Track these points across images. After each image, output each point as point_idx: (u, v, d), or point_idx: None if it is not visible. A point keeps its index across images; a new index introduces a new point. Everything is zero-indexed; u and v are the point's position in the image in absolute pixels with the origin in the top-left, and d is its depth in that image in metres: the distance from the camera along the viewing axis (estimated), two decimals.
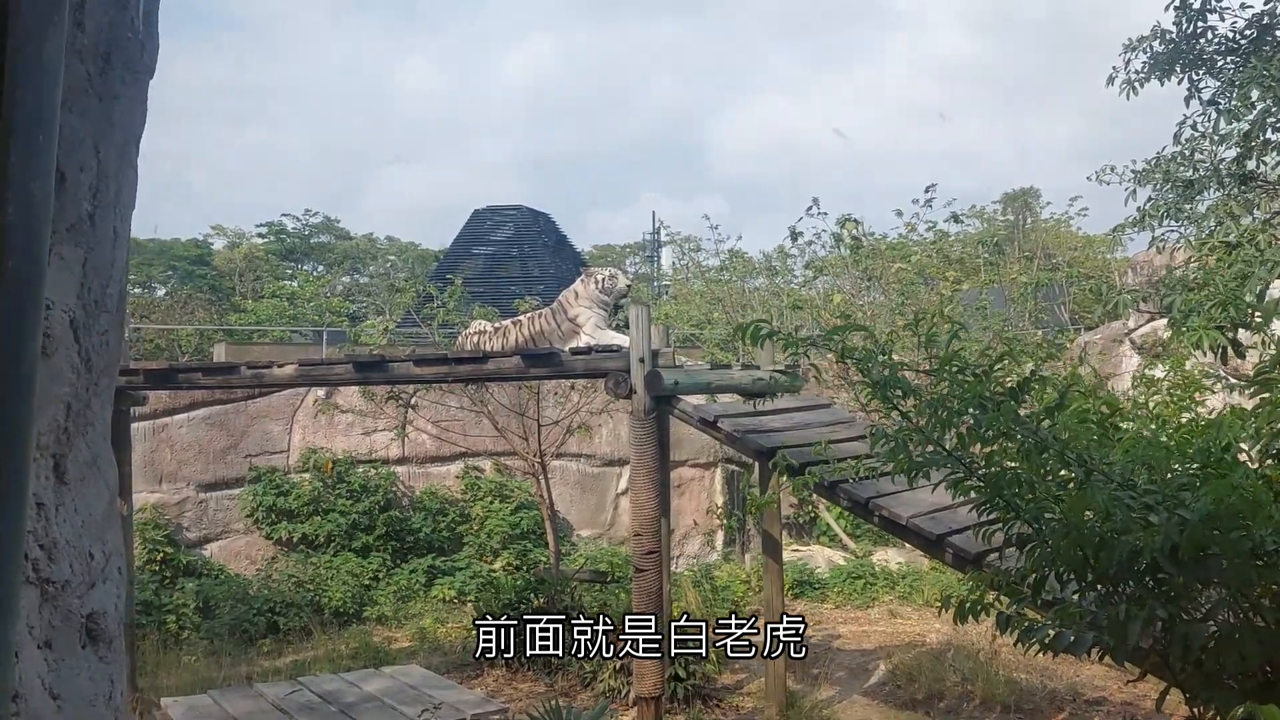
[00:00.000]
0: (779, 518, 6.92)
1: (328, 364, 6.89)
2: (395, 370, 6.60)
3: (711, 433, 6.07)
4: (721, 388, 6.66)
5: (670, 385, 5.89)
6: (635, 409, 5.92)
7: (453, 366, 6.42)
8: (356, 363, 6.70)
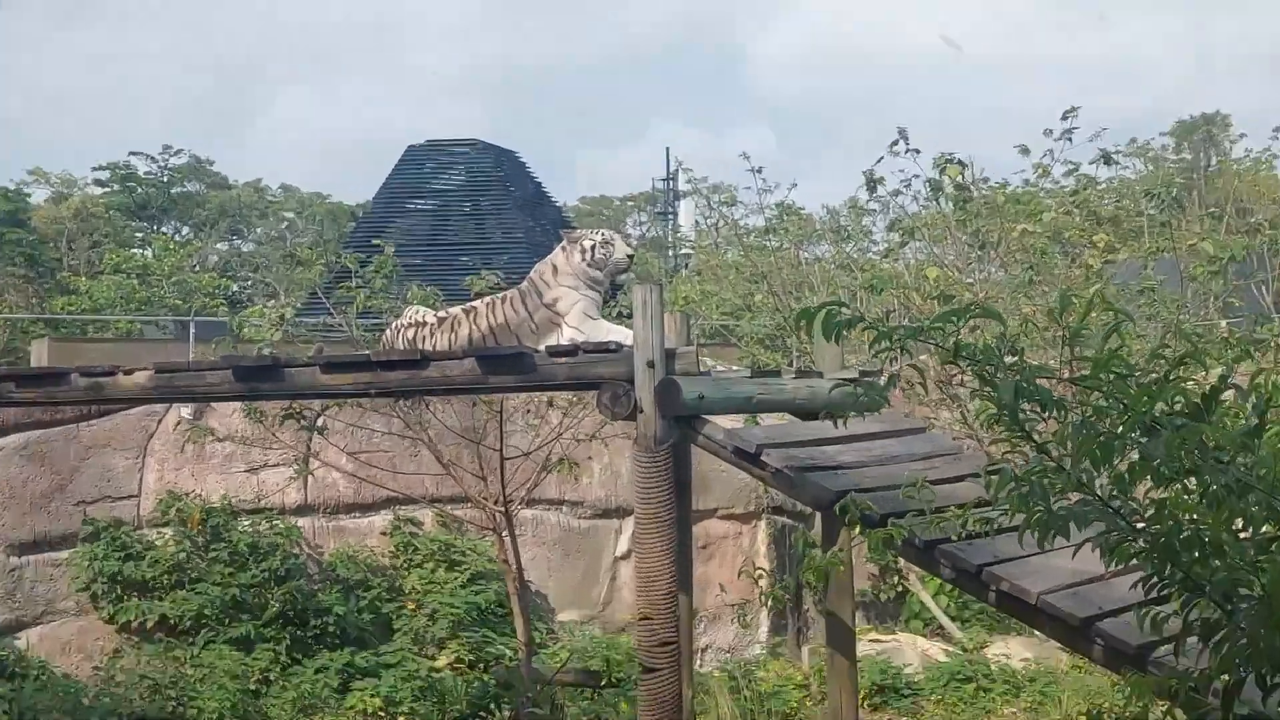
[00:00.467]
0: (851, 592, 6.90)
1: (196, 369, 6.89)
2: (295, 378, 6.60)
3: (753, 469, 6.05)
4: (767, 404, 6.62)
5: (693, 400, 5.88)
6: (642, 435, 5.91)
7: (378, 373, 6.41)
8: (238, 368, 6.70)
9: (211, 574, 10.74)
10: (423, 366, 6.33)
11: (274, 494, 11.45)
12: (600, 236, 6.89)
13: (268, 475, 11.47)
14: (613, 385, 5.96)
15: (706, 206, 16.55)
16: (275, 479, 11.44)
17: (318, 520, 11.68)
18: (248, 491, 11.41)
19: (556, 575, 12.11)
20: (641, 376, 5.91)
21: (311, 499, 11.65)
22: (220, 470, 11.43)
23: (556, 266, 6.87)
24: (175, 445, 11.23)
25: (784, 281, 13.46)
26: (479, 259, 26.05)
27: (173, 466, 11.31)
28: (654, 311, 5.94)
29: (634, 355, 5.98)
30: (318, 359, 6.69)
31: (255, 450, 11.16)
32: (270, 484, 11.47)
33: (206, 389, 6.83)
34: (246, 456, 11.40)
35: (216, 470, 11.42)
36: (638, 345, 5.97)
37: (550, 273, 6.87)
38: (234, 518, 11.14)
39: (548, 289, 6.82)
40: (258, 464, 11.42)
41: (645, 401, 5.89)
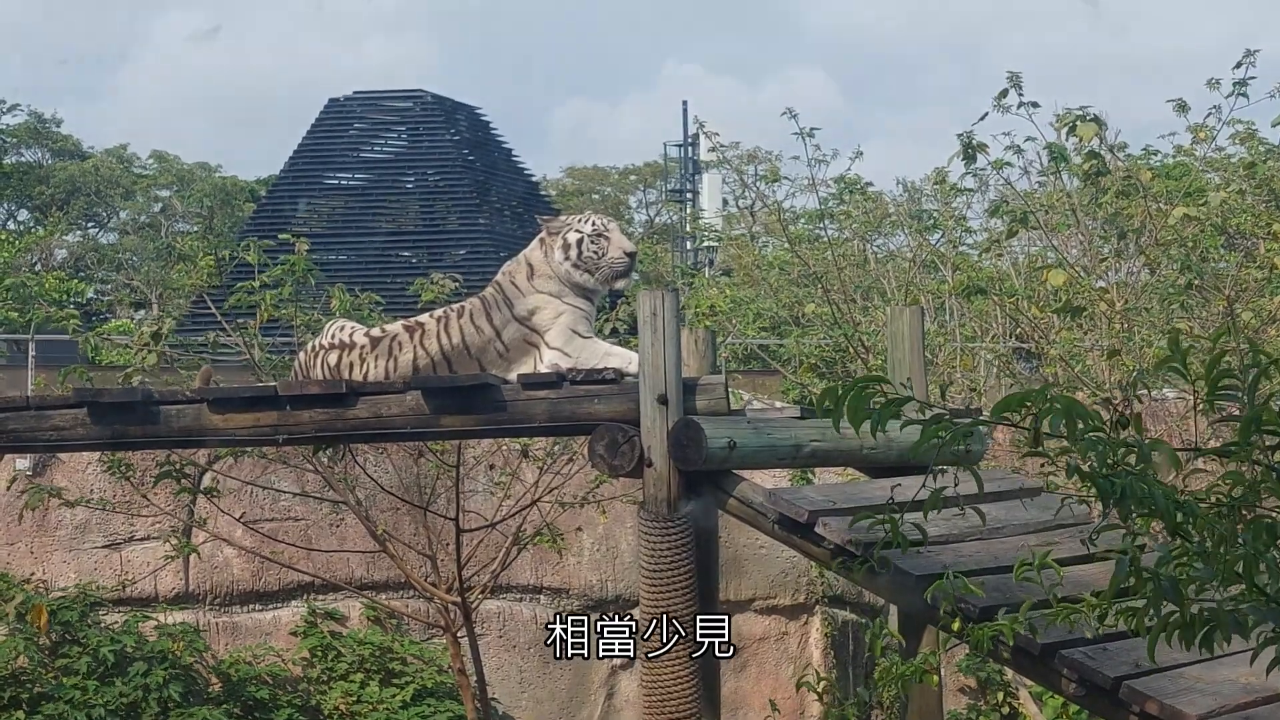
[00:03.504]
0: (939, 715, 6.89)
1: (37, 407, 6.91)
2: (174, 420, 6.63)
3: (804, 545, 6.06)
4: (824, 455, 6.63)
5: (721, 450, 5.89)
6: (651, 499, 5.93)
7: (287, 412, 6.43)
8: (96, 405, 6.73)
9: (63, 690, 10.73)
10: (349, 403, 6.35)
11: (143, 580, 11.45)
12: (590, 225, 6.91)
13: (135, 552, 11.48)
14: (610, 429, 5.98)
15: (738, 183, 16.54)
16: (145, 558, 11.45)
17: (203, 613, 11.67)
18: (108, 575, 11.41)
19: (532, 691, 12.09)
20: (650, 417, 5.93)
21: (195, 585, 11.64)
22: (70, 546, 11.43)
23: (533, 266, 6.89)
24: (8, 512, 11.24)
25: (845, 285, 13.46)
26: (426, 255, 26.23)
27: (4, 541, 11.32)
28: (667, 327, 5.96)
29: (639, 388, 5.99)
30: (205, 393, 6.72)
31: (118, 519, 11.17)
32: (139, 564, 11.47)
33: (51, 434, 6.85)
34: (107, 527, 11.41)
35: (65, 546, 11.43)
36: (644, 374, 5.99)
37: (524, 275, 6.90)
38: (90, 610, 11.14)
39: (521, 297, 6.84)
40: (122, 537, 11.43)
41: (655, 451, 5.90)
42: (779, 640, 12.55)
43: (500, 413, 6.25)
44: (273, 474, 11.15)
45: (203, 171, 44.09)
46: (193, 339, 12.97)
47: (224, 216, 38.92)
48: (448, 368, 6.78)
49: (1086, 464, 3.29)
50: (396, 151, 28.96)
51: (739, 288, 18.72)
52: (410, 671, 11.56)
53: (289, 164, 29.05)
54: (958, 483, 4.43)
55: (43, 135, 42.50)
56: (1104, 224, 11.86)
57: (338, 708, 11.34)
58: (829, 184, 14.61)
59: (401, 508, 10.41)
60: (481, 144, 29.60)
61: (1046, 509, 6.99)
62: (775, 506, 6.00)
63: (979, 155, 11.58)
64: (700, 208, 38.57)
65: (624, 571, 11.93)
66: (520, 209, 27.86)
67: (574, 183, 49.57)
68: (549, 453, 10.04)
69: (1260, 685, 5.07)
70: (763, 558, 11.82)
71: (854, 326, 12.40)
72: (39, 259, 32.82)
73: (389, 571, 11.08)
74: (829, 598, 12.61)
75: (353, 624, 11.85)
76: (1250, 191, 12.29)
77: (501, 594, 11.64)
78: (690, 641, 5.91)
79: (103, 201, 42.32)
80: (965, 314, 12.21)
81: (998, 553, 6.04)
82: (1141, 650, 5.37)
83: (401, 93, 29.72)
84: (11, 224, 39.36)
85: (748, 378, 16.86)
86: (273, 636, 11.72)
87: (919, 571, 5.71)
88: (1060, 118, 11.10)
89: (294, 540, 11.01)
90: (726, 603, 10.69)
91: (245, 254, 10.78)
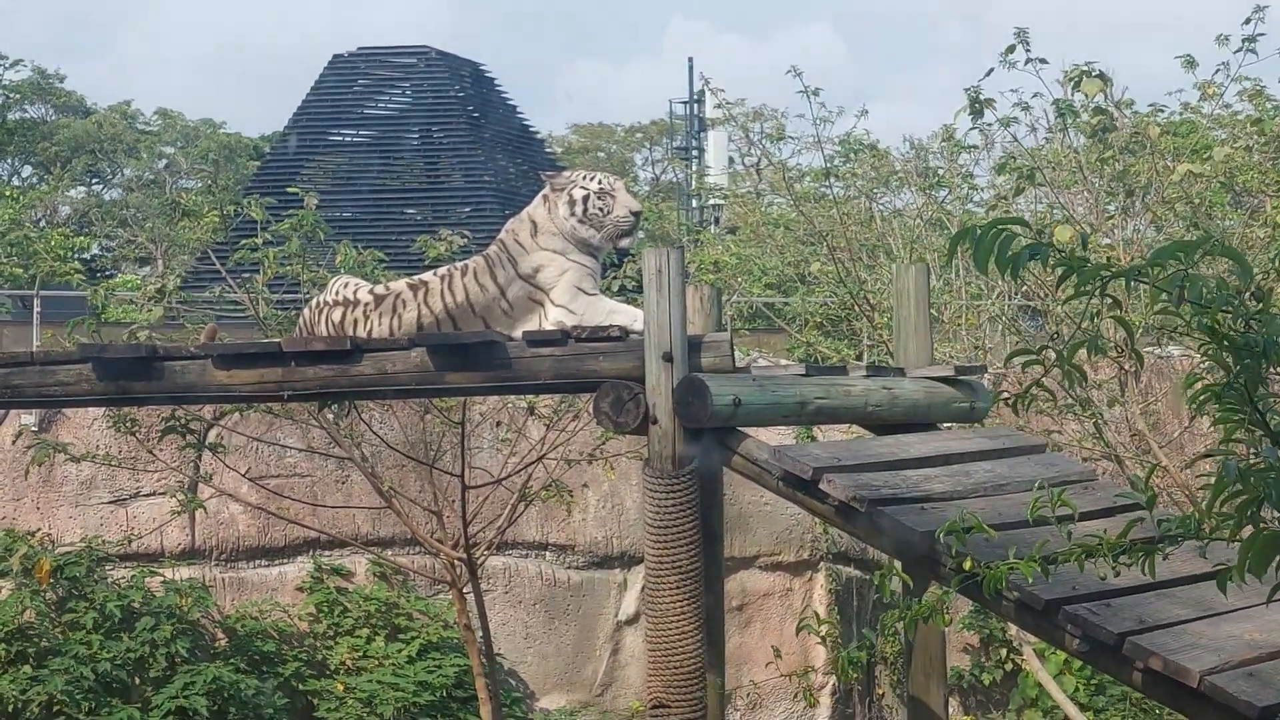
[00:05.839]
0: (943, 671, 6.92)
1: (43, 363, 6.91)
2: (179, 375, 6.62)
3: (808, 502, 6.06)
4: (829, 412, 6.64)
5: (726, 407, 5.89)
6: (656, 455, 5.93)
7: (293, 368, 6.42)
8: (101, 361, 6.72)
9: (69, 645, 10.77)
10: (354, 360, 6.34)
11: (149, 535, 11.49)
12: (596, 184, 6.88)
13: (141, 508, 11.52)
14: (616, 386, 5.97)
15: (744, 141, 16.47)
16: (151, 513, 11.48)
17: (209, 569, 11.72)
18: (114, 529, 11.45)
19: (538, 647, 12.14)
20: (655, 374, 5.92)
21: (201, 541, 11.68)
22: (76, 502, 11.47)
23: (537, 223, 6.87)
24: (14, 468, 11.26)
25: (851, 243, 13.43)
26: (432, 212, 26.18)
27: (10, 496, 11.35)
28: (672, 285, 5.95)
29: (644, 345, 5.99)
30: (210, 348, 6.71)
31: (124, 475, 11.19)
32: (145, 520, 11.51)
33: (57, 390, 6.85)
34: (112, 483, 11.44)
35: (71, 501, 11.46)
36: (649, 331, 5.98)
37: (528, 232, 6.88)
38: (97, 566, 11.18)
39: (525, 255, 6.82)
40: (127, 493, 11.46)
41: (660, 409, 5.90)
42: (783, 596, 12.60)
43: (505, 370, 6.24)
44: (278, 430, 11.17)
45: (207, 128, 43.99)
46: (197, 295, 12.99)
47: (228, 173, 38.80)
48: (452, 325, 6.77)
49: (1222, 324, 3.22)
50: (401, 108, 28.84)
51: (744, 245, 18.65)
52: (416, 627, 11.62)
53: (293, 120, 28.94)
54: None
55: (46, 91, 42.35)
56: (1110, 181, 11.83)
57: (344, 662, 11.40)
58: (834, 142, 14.58)
59: (407, 464, 10.43)
60: (486, 101, 29.48)
61: (1050, 466, 7.01)
62: (780, 463, 6.00)
63: (986, 111, 11.56)
64: (706, 165, 38.46)
65: (629, 528, 11.96)
66: (525, 166, 27.76)
67: (579, 140, 49.42)
68: (555, 410, 10.05)
69: (1264, 641, 5.07)
70: (767, 514, 11.85)
71: (859, 284, 12.38)
72: (43, 215, 32.76)
73: (395, 528, 11.12)
74: (833, 554, 12.65)
75: (359, 580, 11.89)
76: (1257, 149, 12.25)
77: (507, 550, 11.68)
78: (695, 598, 5.92)
79: (106, 158, 42.24)
80: (970, 272, 12.15)
81: (1002, 509, 6.04)
82: (1145, 606, 5.37)
83: (406, 49, 29.58)
84: (15, 180, 39.26)
85: (753, 336, 16.84)
86: (279, 592, 11.77)
87: (922, 528, 5.72)
88: (1067, 74, 11.07)
89: (300, 496, 11.04)
90: (731, 559, 10.71)
91: (250, 209, 10.76)
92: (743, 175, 21.38)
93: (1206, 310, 3.22)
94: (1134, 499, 4.37)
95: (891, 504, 5.94)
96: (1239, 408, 3.25)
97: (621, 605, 12.37)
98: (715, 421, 5.92)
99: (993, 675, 12.73)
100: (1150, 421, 11.24)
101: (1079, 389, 10.09)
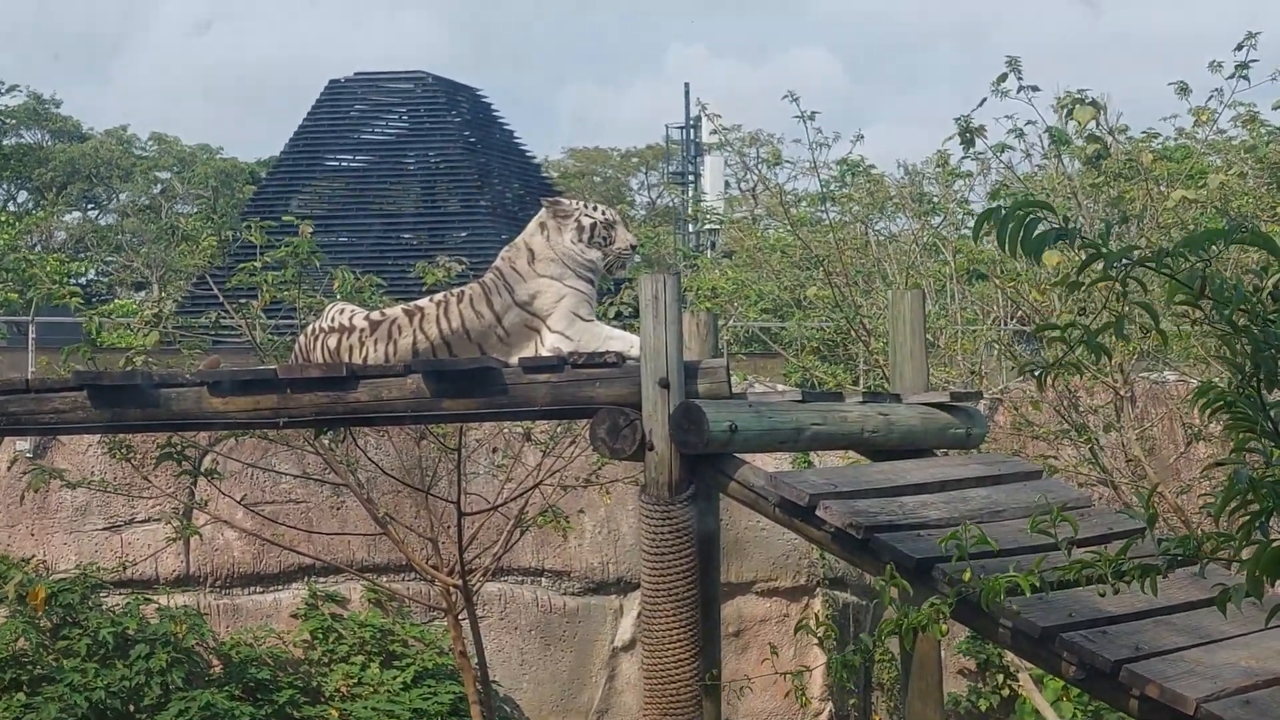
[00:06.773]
0: (939, 698, 6.91)
1: (38, 390, 6.91)
2: (175, 402, 6.63)
3: (805, 528, 6.07)
4: (825, 438, 6.64)
5: (722, 433, 5.89)
6: (652, 482, 5.93)
7: (288, 395, 6.43)
8: (96, 388, 6.73)
9: (63, 673, 10.74)
10: (350, 387, 6.35)
11: (144, 562, 11.46)
12: (603, 215, 6.92)
13: (136, 535, 11.49)
14: (612, 412, 5.98)
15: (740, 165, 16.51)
16: (146, 540, 11.46)
17: (204, 596, 11.69)
18: (107, 556, 11.42)
19: (533, 673, 12.11)
20: (652, 400, 5.93)
21: (196, 567, 11.66)
22: (71, 528, 11.44)
23: (534, 251, 6.88)
24: (9, 494, 11.25)
25: (846, 268, 13.45)
26: (427, 237, 26.20)
27: (5, 522, 11.33)
28: (668, 310, 5.96)
29: (641, 371, 5.99)
30: (206, 375, 6.71)
31: (119, 501, 11.17)
32: (140, 546, 11.48)
33: (51, 417, 6.85)
34: (107, 509, 11.41)
35: (66, 528, 11.44)
36: (646, 357, 5.99)
37: (525, 259, 6.89)
38: (91, 593, 11.15)
39: (522, 282, 6.83)
40: (122, 520, 11.44)
41: (657, 435, 5.91)
42: (780, 622, 12.58)
43: (501, 396, 6.24)
44: (274, 456, 11.15)
45: (203, 153, 44.06)
46: (194, 320, 12.97)
47: (224, 198, 38.85)
48: (447, 352, 6.78)
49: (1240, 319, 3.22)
50: (397, 133, 28.90)
51: (741, 270, 18.69)
52: (411, 653, 11.59)
53: (289, 146, 28.99)
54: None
55: (42, 117, 42.44)
56: (1105, 207, 11.86)
57: (339, 689, 11.37)
58: (831, 166, 14.61)
59: (403, 490, 10.41)
60: (483, 126, 29.54)
61: (1046, 492, 7.01)
62: (776, 490, 6.01)
63: (978, 139, 11.58)
64: (702, 190, 38.54)
65: (625, 554, 11.94)
66: (522, 191, 27.81)
67: (575, 164, 49.48)
68: (551, 436, 10.04)
69: (1260, 668, 5.07)
70: (764, 540, 11.84)
71: (855, 309, 12.40)
72: (39, 241, 32.77)
73: (390, 554, 11.09)
74: (829, 580, 12.63)
75: (354, 606, 11.87)
76: (1252, 174, 12.28)
77: (503, 576, 11.66)
78: (691, 624, 5.92)
79: (102, 183, 42.29)
80: (966, 297, 12.19)
81: (998, 535, 6.04)
82: (1142, 634, 5.37)
83: (403, 74, 29.66)
84: (11, 205, 39.29)
85: (749, 360, 16.87)
86: (274, 619, 11.74)
87: (920, 554, 5.72)
88: (1059, 101, 11.11)
89: (295, 523, 11.02)
90: (728, 584, 10.70)
91: (248, 234, 10.75)
92: (739, 200, 21.44)
93: (1227, 303, 3.22)
94: (1130, 525, 4.37)
95: (888, 530, 5.94)
96: (1251, 416, 3.25)
97: (618, 631, 12.35)
98: (711, 447, 5.92)
99: (989, 701, 12.70)
100: (1146, 447, 11.26)
101: (1078, 412, 10.12)
